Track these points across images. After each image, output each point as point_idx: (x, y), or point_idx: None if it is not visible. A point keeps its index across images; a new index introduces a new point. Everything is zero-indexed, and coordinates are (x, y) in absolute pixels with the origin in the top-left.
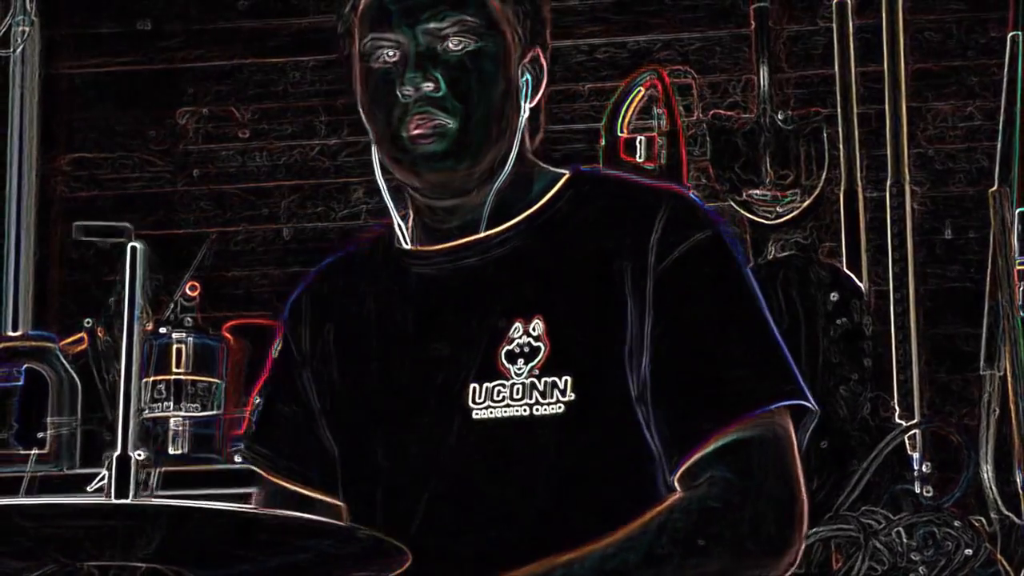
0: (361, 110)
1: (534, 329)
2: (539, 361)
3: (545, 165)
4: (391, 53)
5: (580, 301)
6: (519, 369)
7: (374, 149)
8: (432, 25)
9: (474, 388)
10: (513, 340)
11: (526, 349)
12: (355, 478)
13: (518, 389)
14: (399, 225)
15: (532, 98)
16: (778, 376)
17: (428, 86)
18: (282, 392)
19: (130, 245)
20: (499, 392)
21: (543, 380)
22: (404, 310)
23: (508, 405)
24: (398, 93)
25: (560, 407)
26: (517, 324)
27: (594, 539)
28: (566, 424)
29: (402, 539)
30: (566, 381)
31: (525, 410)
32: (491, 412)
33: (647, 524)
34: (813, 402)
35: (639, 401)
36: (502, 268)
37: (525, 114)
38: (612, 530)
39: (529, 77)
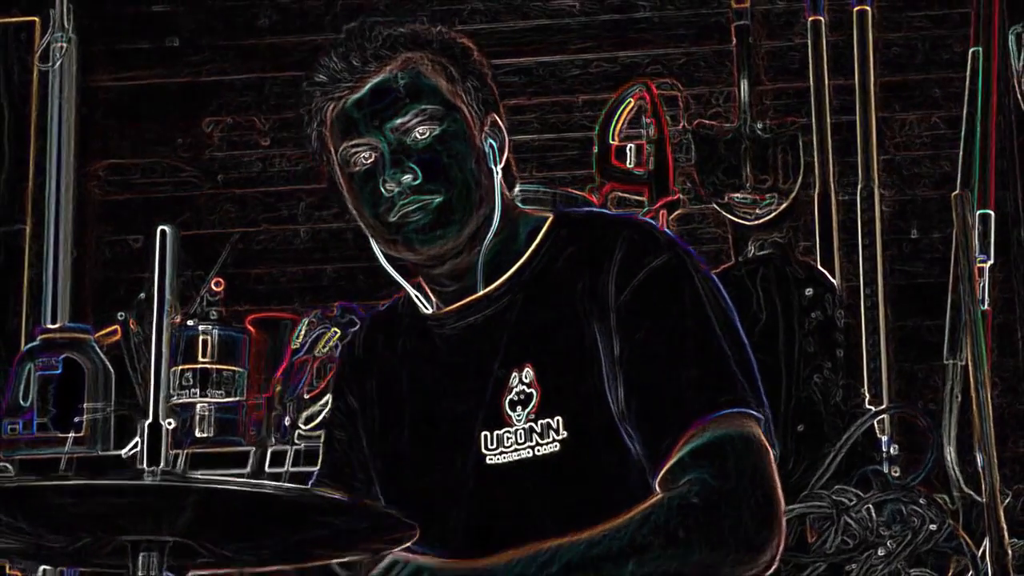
0: (352, 211)
1: (526, 377)
2: (533, 406)
3: (528, 209)
4: (367, 155)
5: (559, 345)
6: (519, 416)
7: (371, 239)
8: (398, 121)
9: (485, 436)
10: (512, 389)
11: (522, 396)
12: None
13: (521, 434)
14: (415, 295)
15: (500, 158)
16: (722, 386)
17: (407, 178)
18: (339, 424)
19: (160, 228)
20: (507, 438)
21: (539, 422)
22: (427, 369)
23: (515, 449)
24: (382, 189)
25: (556, 445)
26: (514, 374)
27: None
28: (564, 459)
29: None
30: (558, 421)
31: (528, 452)
32: (503, 457)
33: (631, 516)
34: (759, 408)
35: (621, 421)
36: (498, 323)
37: (498, 175)
38: None
39: (493, 141)
